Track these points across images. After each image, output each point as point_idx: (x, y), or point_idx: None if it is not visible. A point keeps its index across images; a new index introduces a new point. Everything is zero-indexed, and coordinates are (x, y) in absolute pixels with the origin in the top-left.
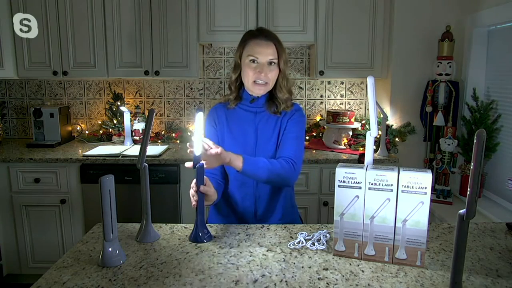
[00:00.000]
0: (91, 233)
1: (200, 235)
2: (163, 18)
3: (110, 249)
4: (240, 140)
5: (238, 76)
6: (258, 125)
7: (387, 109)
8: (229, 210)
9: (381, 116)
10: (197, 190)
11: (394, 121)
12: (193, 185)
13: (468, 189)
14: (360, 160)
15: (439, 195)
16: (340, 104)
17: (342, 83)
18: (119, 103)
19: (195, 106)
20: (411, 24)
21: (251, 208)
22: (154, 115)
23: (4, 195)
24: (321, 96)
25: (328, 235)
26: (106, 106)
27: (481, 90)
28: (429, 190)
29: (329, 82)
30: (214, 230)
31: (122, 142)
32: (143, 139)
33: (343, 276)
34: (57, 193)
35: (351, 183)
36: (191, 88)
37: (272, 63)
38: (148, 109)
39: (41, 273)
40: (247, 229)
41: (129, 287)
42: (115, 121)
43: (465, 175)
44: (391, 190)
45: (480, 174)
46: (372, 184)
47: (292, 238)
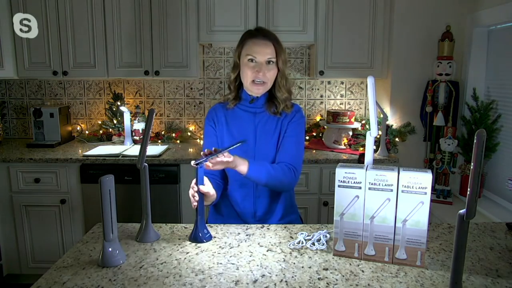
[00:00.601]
0: (91, 233)
1: (200, 235)
2: (163, 18)
3: (110, 249)
4: (240, 140)
5: (237, 76)
6: (258, 126)
7: (387, 109)
8: (229, 210)
9: (381, 116)
10: (197, 190)
11: (394, 121)
12: (193, 185)
13: (468, 189)
14: (360, 160)
15: (439, 195)
16: (340, 104)
17: (342, 83)
18: (119, 103)
19: (195, 106)
20: (411, 24)
21: (250, 208)
22: (154, 115)
23: (4, 195)
24: (321, 96)
25: (328, 235)
26: (106, 106)
27: (481, 90)
28: (429, 190)
29: (329, 82)
30: (214, 230)
31: (122, 142)
32: (143, 139)
33: (343, 276)
34: (57, 193)
35: (351, 183)
36: (191, 88)
37: (270, 62)
38: (148, 109)
39: (41, 273)
40: (247, 229)
41: (129, 287)
42: (115, 121)
43: (465, 175)
44: (391, 190)
45: (480, 174)
46: (372, 184)
47: (292, 238)
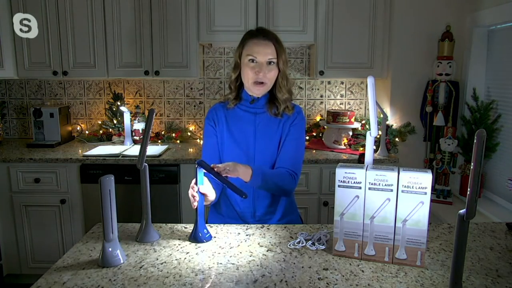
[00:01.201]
0: (91, 233)
1: (200, 235)
2: (163, 18)
3: (110, 249)
4: (239, 140)
5: (238, 76)
6: (258, 126)
7: (387, 109)
8: (229, 210)
9: (381, 116)
10: (197, 190)
11: (394, 121)
12: (192, 185)
13: (468, 189)
14: (360, 160)
15: (439, 195)
16: (340, 104)
17: (342, 83)
18: (119, 103)
19: (195, 106)
20: (411, 24)
21: (250, 208)
22: (154, 115)
23: (4, 195)
24: (321, 96)
25: (328, 235)
26: (106, 106)
27: (481, 90)
28: (429, 190)
29: (329, 82)
30: (214, 230)
31: (122, 142)
32: (143, 139)
33: (343, 276)
34: (57, 193)
35: (351, 183)
36: (191, 88)
37: (271, 62)
38: (148, 109)
39: (41, 273)
40: (247, 229)
41: (129, 287)
42: (115, 121)
43: (465, 175)
44: (391, 190)
45: (480, 174)
46: (372, 184)
47: (292, 238)
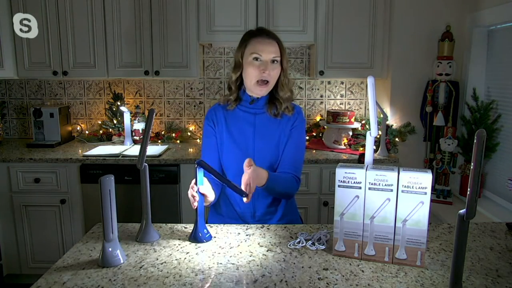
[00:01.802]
0: (91, 233)
1: (200, 235)
2: (163, 18)
3: (110, 249)
4: (239, 141)
5: (239, 77)
6: (257, 127)
7: (387, 109)
8: (229, 210)
9: (381, 116)
10: (197, 190)
11: (394, 121)
12: (192, 185)
13: (468, 189)
14: (360, 160)
15: (439, 195)
16: (340, 104)
17: (342, 83)
18: (119, 103)
19: (195, 106)
20: (411, 24)
21: (250, 208)
22: (154, 115)
23: (4, 195)
24: (321, 96)
25: (328, 235)
26: (106, 106)
27: (481, 90)
28: (429, 190)
29: (329, 82)
30: (214, 230)
31: (122, 142)
32: (143, 139)
33: (343, 276)
34: (57, 193)
35: (351, 183)
36: (191, 88)
37: (275, 61)
38: (148, 109)
39: (41, 273)
40: (247, 229)
41: (129, 287)
42: (115, 121)
43: (465, 175)
44: (391, 190)
45: (480, 174)
46: (372, 184)
47: (292, 238)
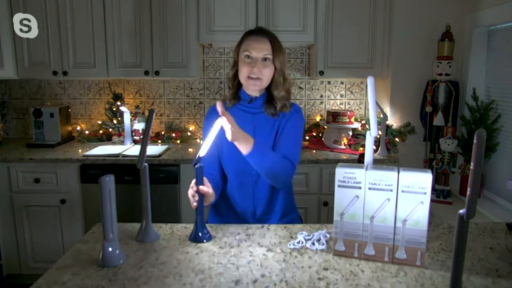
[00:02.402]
0: (91, 233)
1: (200, 235)
2: (163, 18)
3: (110, 249)
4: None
5: (236, 74)
6: (256, 126)
7: (387, 109)
8: (228, 210)
9: (381, 116)
10: (197, 190)
11: (394, 121)
12: (192, 185)
13: (468, 189)
14: (360, 160)
15: (439, 195)
16: (340, 104)
17: (342, 83)
18: (119, 103)
19: (195, 106)
20: (411, 24)
21: (250, 208)
22: (154, 115)
23: (4, 195)
24: (321, 96)
25: (328, 235)
26: (106, 106)
27: (481, 90)
28: (429, 190)
29: (329, 82)
30: (214, 230)
31: (122, 142)
32: (143, 139)
33: (343, 276)
34: (57, 193)
35: (351, 183)
36: (191, 88)
37: (266, 59)
38: (148, 109)
39: (41, 273)
40: (247, 229)
41: (129, 287)
42: (115, 121)
43: (465, 175)
44: (391, 190)
45: (480, 174)
46: (372, 184)
47: (292, 238)
